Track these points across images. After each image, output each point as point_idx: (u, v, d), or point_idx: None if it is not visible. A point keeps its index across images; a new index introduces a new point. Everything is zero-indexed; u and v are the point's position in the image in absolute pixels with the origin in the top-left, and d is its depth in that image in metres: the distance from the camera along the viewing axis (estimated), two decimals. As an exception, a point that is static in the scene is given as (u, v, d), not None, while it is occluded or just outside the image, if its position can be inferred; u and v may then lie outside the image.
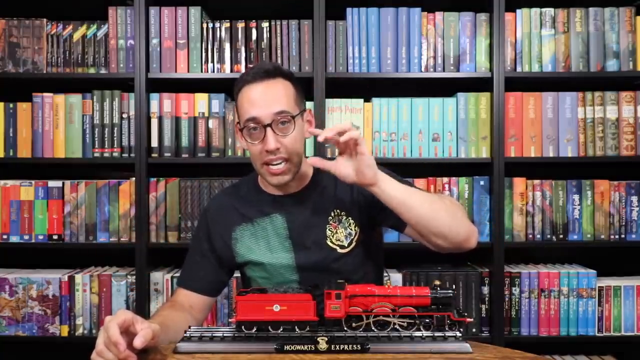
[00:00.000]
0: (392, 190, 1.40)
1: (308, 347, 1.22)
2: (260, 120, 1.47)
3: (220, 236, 1.61)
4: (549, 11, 2.42)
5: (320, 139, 1.34)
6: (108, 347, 1.15)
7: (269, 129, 1.47)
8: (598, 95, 2.42)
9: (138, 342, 1.15)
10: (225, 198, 1.67)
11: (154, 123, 2.41)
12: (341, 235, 1.57)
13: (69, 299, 2.40)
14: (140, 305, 2.37)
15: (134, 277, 2.40)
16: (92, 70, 2.43)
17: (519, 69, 2.41)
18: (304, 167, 1.59)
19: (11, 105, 2.44)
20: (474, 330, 2.41)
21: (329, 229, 1.57)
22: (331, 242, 1.56)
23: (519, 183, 2.41)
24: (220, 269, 1.62)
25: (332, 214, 1.58)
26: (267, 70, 1.50)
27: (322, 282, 1.29)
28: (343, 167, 1.39)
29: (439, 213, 1.42)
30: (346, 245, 1.57)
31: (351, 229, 1.58)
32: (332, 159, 1.46)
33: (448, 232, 1.43)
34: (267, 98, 1.47)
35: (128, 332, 1.18)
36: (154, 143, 2.41)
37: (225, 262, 1.62)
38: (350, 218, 1.58)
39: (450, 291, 1.28)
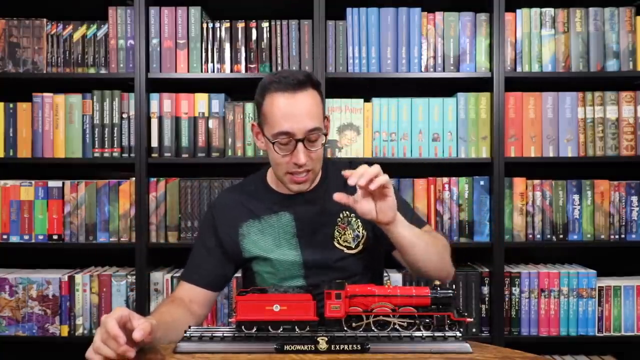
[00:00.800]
0: (403, 232, 1.44)
1: (308, 347, 1.22)
2: (293, 135, 1.48)
3: (227, 232, 1.62)
4: (549, 11, 2.42)
5: (351, 182, 1.35)
6: (106, 342, 1.16)
7: (300, 144, 1.48)
8: (598, 95, 2.42)
9: (137, 335, 1.16)
10: (232, 195, 1.68)
11: (154, 123, 2.41)
12: (349, 236, 1.59)
13: (69, 299, 2.40)
14: (140, 305, 2.37)
15: (134, 277, 2.40)
16: (92, 70, 2.43)
17: (519, 69, 2.41)
18: None
19: (11, 105, 2.44)
20: (474, 330, 2.41)
21: (337, 230, 1.58)
22: (338, 242, 1.58)
23: (519, 183, 2.41)
24: (226, 264, 1.63)
25: (341, 216, 1.59)
26: (300, 81, 1.49)
27: (327, 280, 1.30)
28: (365, 205, 1.40)
29: (433, 257, 1.50)
30: (353, 246, 1.59)
31: (359, 232, 1.59)
32: (339, 160, 1.47)
33: (434, 273, 1.52)
34: (301, 113, 1.47)
35: (125, 329, 1.18)
36: (154, 143, 2.41)
37: (231, 257, 1.62)
38: (358, 220, 1.60)
39: (450, 291, 1.28)
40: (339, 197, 1.39)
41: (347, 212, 1.60)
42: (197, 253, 1.64)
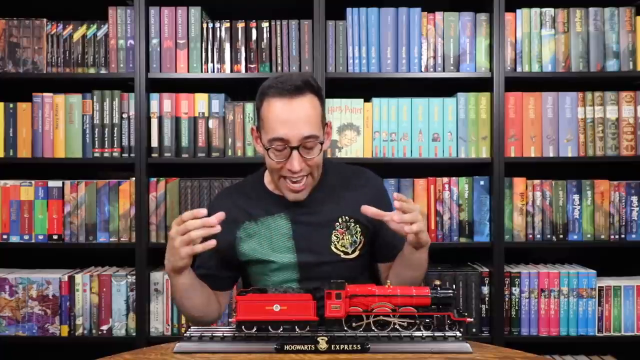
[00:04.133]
0: (421, 257, 1.50)
1: (308, 347, 1.22)
2: (288, 141, 1.47)
3: (225, 237, 1.61)
4: (549, 11, 2.42)
5: (396, 207, 1.38)
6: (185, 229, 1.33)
7: (295, 152, 1.47)
8: (598, 95, 2.42)
9: (220, 215, 1.36)
10: (228, 197, 1.68)
11: (154, 123, 2.41)
12: (347, 242, 1.58)
13: (69, 299, 2.40)
14: (140, 305, 2.37)
15: (134, 277, 2.39)
16: (92, 70, 2.43)
17: (519, 69, 2.41)
18: None
19: (11, 105, 2.44)
20: (474, 330, 2.41)
21: (334, 235, 1.57)
22: (335, 247, 1.57)
23: (519, 183, 2.41)
24: (225, 266, 1.63)
25: (340, 220, 1.58)
26: (297, 87, 1.48)
27: (322, 284, 1.30)
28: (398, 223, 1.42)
29: (417, 279, 1.57)
30: (350, 252, 1.57)
31: (357, 237, 1.58)
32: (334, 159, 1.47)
33: (403, 283, 1.56)
34: (296, 119, 1.46)
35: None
36: (154, 143, 2.41)
37: (229, 261, 1.62)
38: (357, 226, 1.58)
39: (450, 291, 1.28)
40: (366, 210, 1.41)
41: (347, 217, 1.58)
42: (200, 257, 1.65)
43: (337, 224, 1.58)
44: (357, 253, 1.58)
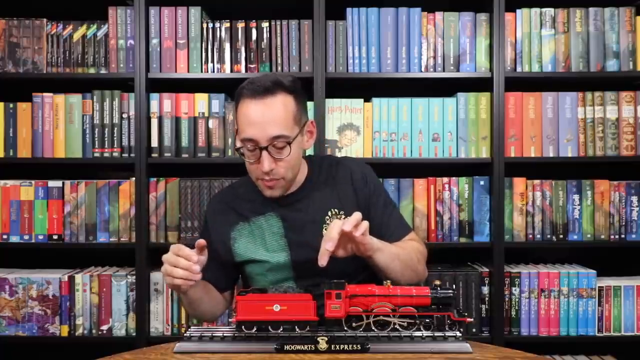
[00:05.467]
0: (380, 261, 1.45)
1: (308, 347, 1.22)
2: (257, 142, 1.48)
3: (220, 238, 1.62)
4: (549, 11, 2.42)
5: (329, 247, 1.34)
6: (176, 263, 1.32)
7: (264, 152, 1.48)
8: (598, 95, 2.42)
9: (201, 242, 1.38)
10: (222, 198, 1.69)
11: (154, 123, 2.41)
12: None
13: (69, 299, 2.40)
14: (140, 305, 2.37)
15: (134, 277, 2.40)
16: (92, 70, 2.43)
17: (519, 69, 2.41)
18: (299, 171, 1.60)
19: (11, 105, 2.44)
20: (474, 330, 2.41)
21: (325, 229, 1.57)
22: None
23: (519, 183, 2.41)
24: (224, 267, 1.64)
25: (330, 214, 1.58)
26: (266, 88, 1.48)
27: (318, 281, 1.29)
28: (341, 252, 1.41)
29: (405, 273, 1.52)
30: None
31: None
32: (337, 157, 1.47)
33: (404, 283, 1.53)
34: (264, 120, 1.47)
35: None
36: (154, 143, 2.41)
37: (226, 262, 1.63)
38: (347, 217, 1.57)
39: (450, 291, 1.28)
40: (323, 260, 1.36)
41: (336, 210, 1.58)
42: None
43: (327, 217, 1.58)
44: None
